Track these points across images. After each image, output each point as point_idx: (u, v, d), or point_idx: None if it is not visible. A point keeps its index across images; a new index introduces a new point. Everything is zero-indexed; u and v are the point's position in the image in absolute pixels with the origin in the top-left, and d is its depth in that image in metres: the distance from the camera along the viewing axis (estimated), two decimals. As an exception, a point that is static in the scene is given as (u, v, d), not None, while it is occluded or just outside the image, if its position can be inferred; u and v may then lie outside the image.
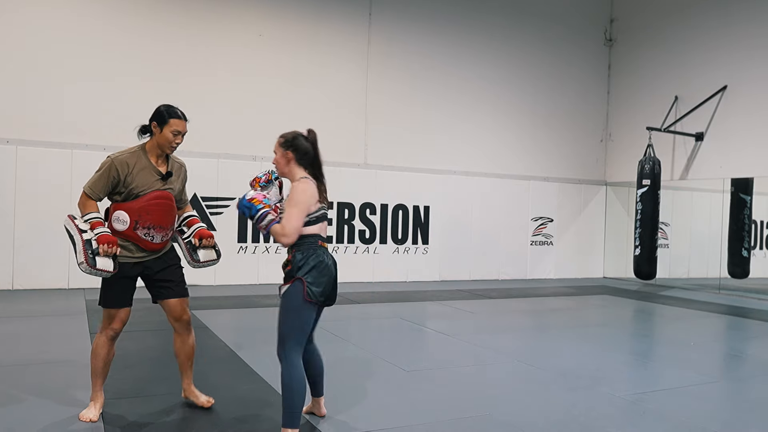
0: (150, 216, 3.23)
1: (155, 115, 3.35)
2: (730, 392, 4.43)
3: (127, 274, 3.25)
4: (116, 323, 3.31)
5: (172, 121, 3.29)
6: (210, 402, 3.53)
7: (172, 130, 3.29)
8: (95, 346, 3.33)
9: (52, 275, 7.94)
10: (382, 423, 3.40)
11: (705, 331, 6.95)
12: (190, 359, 3.52)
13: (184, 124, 3.35)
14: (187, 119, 3.39)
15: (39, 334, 5.39)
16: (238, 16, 9.25)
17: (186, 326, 3.45)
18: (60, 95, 8.12)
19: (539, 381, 4.40)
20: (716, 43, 10.43)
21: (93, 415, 3.26)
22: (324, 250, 3.06)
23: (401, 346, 5.61)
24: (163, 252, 3.39)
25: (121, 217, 3.21)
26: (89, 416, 3.25)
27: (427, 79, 10.62)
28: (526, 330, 6.69)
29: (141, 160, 3.29)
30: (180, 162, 3.53)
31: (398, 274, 10.26)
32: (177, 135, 3.31)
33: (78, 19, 8.28)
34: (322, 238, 3.07)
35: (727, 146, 10.19)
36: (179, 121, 3.32)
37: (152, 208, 3.24)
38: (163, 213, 3.28)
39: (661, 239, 10.92)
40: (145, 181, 3.25)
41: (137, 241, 3.23)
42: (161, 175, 3.31)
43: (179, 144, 3.35)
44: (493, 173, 11.20)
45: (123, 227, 3.20)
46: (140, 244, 3.24)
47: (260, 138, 9.24)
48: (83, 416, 3.25)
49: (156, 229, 3.26)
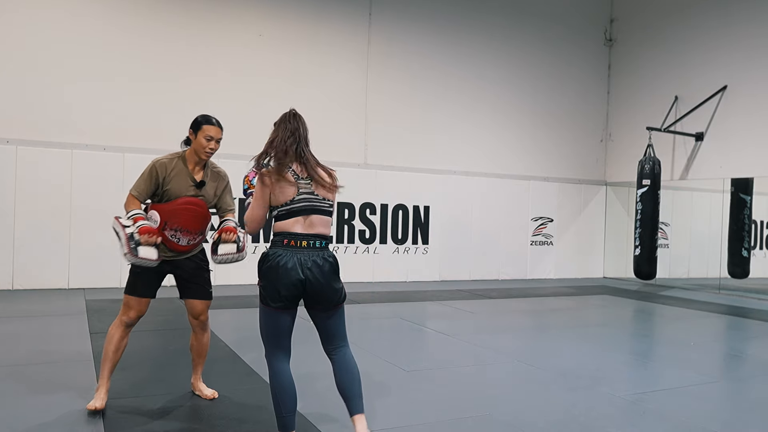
0: (178, 219, 3.42)
1: (192, 123, 3.55)
2: (730, 392, 4.43)
3: (155, 268, 3.44)
4: (132, 312, 3.49)
5: (206, 127, 3.49)
6: (214, 395, 3.71)
7: (205, 136, 3.47)
8: (109, 332, 3.52)
9: (52, 275, 7.94)
10: (382, 423, 3.40)
11: (705, 331, 6.95)
12: (201, 356, 3.75)
13: (218, 130, 3.54)
14: (221, 127, 3.57)
15: (39, 334, 5.39)
16: (238, 16, 9.25)
17: (202, 325, 3.67)
18: (60, 95, 8.12)
19: (539, 381, 4.40)
20: (716, 43, 10.43)
21: (98, 403, 3.37)
22: (291, 250, 2.74)
23: (401, 346, 5.61)
24: (192, 254, 3.58)
25: (153, 216, 3.43)
26: (94, 405, 3.37)
27: (427, 79, 10.62)
28: (526, 330, 6.69)
29: (179, 166, 3.49)
30: (219, 171, 3.69)
31: (398, 274, 10.26)
32: (210, 140, 3.49)
33: (78, 19, 8.28)
34: (293, 236, 2.76)
35: (727, 146, 10.19)
36: (212, 127, 3.51)
37: (181, 212, 3.43)
38: (191, 218, 3.46)
39: (661, 239, 10.92)
40: (180, 186, 3.45)
41: (164, 241, 3.42)
42: (195, 183, 3.50)
43: (214, 150, 3.52)
44: (493, 173, 11.20)
45: (153, 226, 3.41)
46: (167, 244, 3.43)
47: (260, 138, 9.22)
48: (89, 405, 3.38)
49: (182, 232, 3.45)
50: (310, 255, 2.76)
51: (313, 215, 2.82)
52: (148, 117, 8.48)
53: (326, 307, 2.83)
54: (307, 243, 2.78)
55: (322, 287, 2.77)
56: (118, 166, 8.24)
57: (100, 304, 6.95)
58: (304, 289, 2.75)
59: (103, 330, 5.56)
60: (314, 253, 2.78)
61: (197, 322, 3.65)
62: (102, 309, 6.62)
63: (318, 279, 2.75)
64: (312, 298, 2.79)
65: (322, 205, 2.84)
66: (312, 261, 2.76)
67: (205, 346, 3.74)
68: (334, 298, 2.83)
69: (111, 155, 8.26)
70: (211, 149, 3.50)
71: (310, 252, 2.77)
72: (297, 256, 2.74)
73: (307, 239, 2.78)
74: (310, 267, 2.74)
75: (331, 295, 2.81)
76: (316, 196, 2.83)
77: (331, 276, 2.81)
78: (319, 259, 2.78)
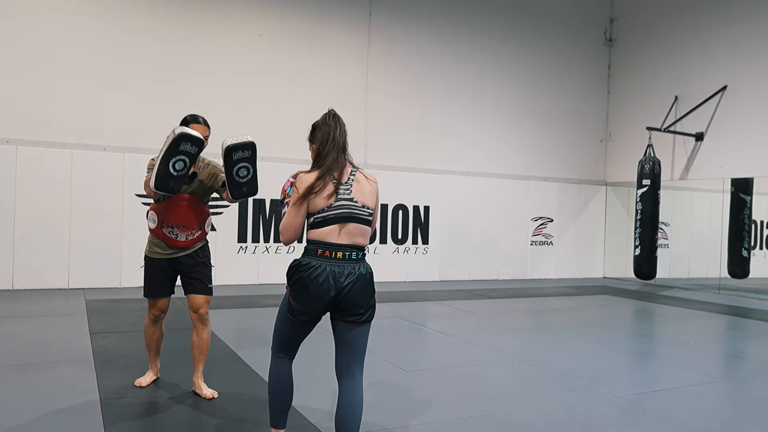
0: (172, 216, 3.62)
1: (180, 122, 3.67)
2: (730, 392, 4.43)
3: (162, 268, 3.69)
4: (155, 310, 3.82)
5: (192, 126, 3.60)
6: (214, 395, 3.74)
7: None
8: (144, 328, 3.91)
9: (52, 275, 7.94)
10: (382, 423, 3.40)
11: (705, 331, 6.95)
12: (202, 353, 3.80)
13: (204, 128, 3.67)
14: (208, 125, 3.72)
15: (39, 334, 5.39)
16: (238, 16, 9.25)
17: (202, 320, 3.75)
18: (60, 95, 8.12)
19: (539, 381, 4.40)
20: (716, 43, 10.43)
21: (144, 381, 3.90)
22: (325, 261, 2.56)
23: (401, 346, 5.61)
24: (193, 250, 3.71)
25: (151, 216, 3.66)
26: (141, 382, 3.89)
27: (426, 79, 10.62)
28: (526, 330, 6.69)
29: None
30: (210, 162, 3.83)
31: (398, 274, 10.26)
32: None
33: (78, 20, 8.28)
34: (327, 246, 2.58)
35: (727, 146, 10.19)
36: (198, 125, 3.63)
37: (173, 209, 3.62)
38: (183, 213, 3.63)
39: (661, 239, 10.92)
40: None
41: (164, 239, 3.63)
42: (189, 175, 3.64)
43: None
44: (493, 173, 11.20)
45: (153, 225, 3.64)
46: (167, 242, 3.63)
47: (260, 138, 9.17)
48: (137, 381, 3.90)
49: (179, 228, 3.62)
50: (346, 267, 2.58)
51: (351, 223, 2.61)
52: (148, 117, 8.47)
53: (354, 322, 2.63)
54: (343, 254, 2.59)
55: (355, 302, 2.59)
56: (118, 166, 8.25)
57: (100, 304, 6.95)
58: (335, 303, 2.59)
59: (103, 330, 5.57)
60: (350, 265, 2.60)
61: (196, 316, 3.73)
62: (102, 309, 6.63)
63: (352, 293, 2.58)
64: (342, 312, 2.61)
65: (362, 213, 2.64)
66: (347, 274, 2.57)
67: (206, 343, 3.79)
68: (365, 314, 2.63)
69: (111, 155, 8.26)
70: None
71: (345, 264, 2.59)
72: (331, 268, 2.56)
73: (342, 250, 2.59)
74: (344, 281, 2.56)
75: (362, 311, 2.62)
76: (356, 203, 2.63)
77: (366, 291, 2.62)
78: (354, 271, 2.59)
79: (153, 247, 3.67)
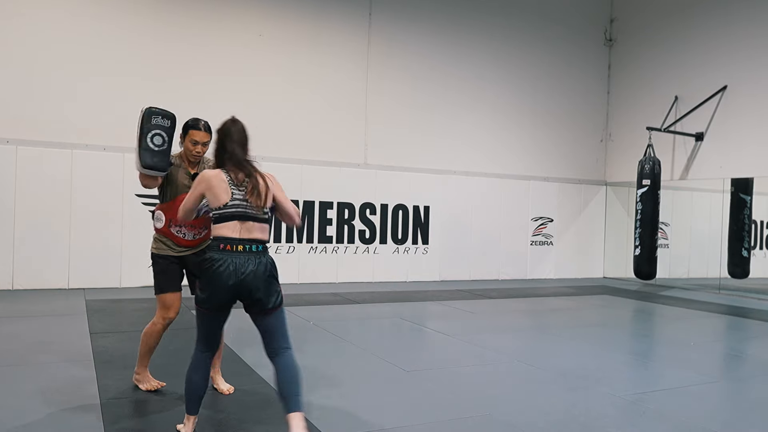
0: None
1: (182, 126, 3.70)
2: (730, 392, 4.43)
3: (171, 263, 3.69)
4: (171, 311, 3.69)
5: (192, 132, 3.63)
6: (230, 390, 3.83)
7: (191, 140, 3.63)
8: (147, 333, 3.74)
9: (52, 275, 7.94)
10: (382, 423, 3.40)
11: (705, 331, 6.95)
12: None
13: (204, 134, 3.65)
14: (209, 130, 3.65)
15: (39, 334, 5.39)
16: (238, 16, 9.25)
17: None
18: (60, 95, 8.12)
19: (539, 381, 4.40)
20: (716, 43, 10.43)
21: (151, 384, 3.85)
22: (227, 254, 2.83)
23: (401, 346, 5.61)
24: (200, 248, 3.70)
25: (158, 215, 3.69)
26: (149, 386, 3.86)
27: (426, 79, 10.62)
28: (526, 330, 6.69)
29: (178, 162, 3.72)
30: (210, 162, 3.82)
31: (398, 274, 10.26)
32: (196, 144, 3.63)
33: (78, 19, 8.28)
34: (228, 241, 2.85)
35: (727, 146, 10.19)
36: (198, 132, 3.63)
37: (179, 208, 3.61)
38: None
39: (661, 239, 10.92)
40: (179, 179, 3.66)
41: (171, 237, 3.66)
42: (190, 175, 3.67)
43: (200, 153, 3.67)
44: (493, 173, 11.20)
45: (160, 225, 3.67)
46: (174, 240, 3.66)
47: (260, 138, 9.18)
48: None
49: (187, 227, 3.64)
50: (245, 259, 2.84)
51: (248, 221, 2.90)
52: (148, 117, 8.46)
53: (262, 311, 2.90)
54: (243, 248, 2.86)
55: (256, 291, 2.85)
56: (118, 166, 8.24)
57: (100, 304, 6.95)
58: (239, 294, 2.84)
59: (103, 330, 5.57)
60: (250, 257, 2.86)
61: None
62: (102, 309, 6.63)
63: (252, 283, 2.83)
64: (246, 301, 2.88)
65: (257, 212, 2.93)
66: (247, 265, 2.83)
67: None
68: (269, 302, 2.89)
69: (111, 155, 8.26)
70: (197, 152, 3.64)
71: (245, 256, 2.85)
72: (232, 260, 2.82)
73: (243, 244, 2.86)
74: (244, 271, 2.82)
75: (266, 300, 2.88)
76: (249, 202, 2.91)
77: (265, 280, 2.88)
78: (254, 263, 2.85)
79: (161, 245, 3.69)
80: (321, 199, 9.62)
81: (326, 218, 9.69)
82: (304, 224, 9.50)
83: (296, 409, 2.88)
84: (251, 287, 2.84)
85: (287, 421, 2.87)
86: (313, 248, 9.60)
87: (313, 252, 9.60)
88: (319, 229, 9.64)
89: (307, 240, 9.56)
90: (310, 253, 9.57)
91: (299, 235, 9.49)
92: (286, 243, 9.38)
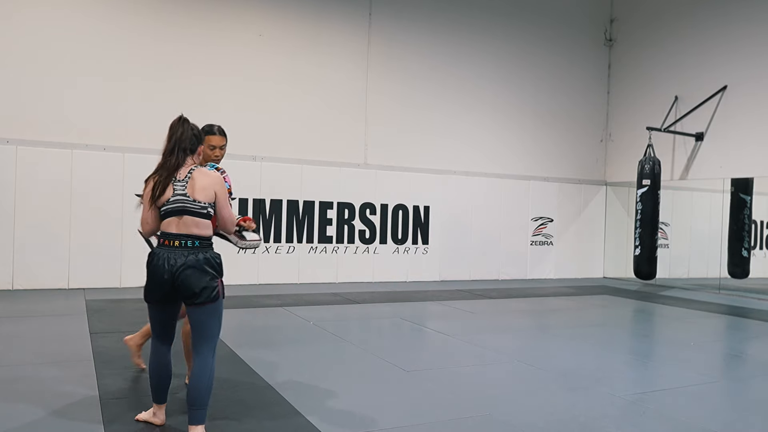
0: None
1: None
2: (730, 392, 4.43)
3: None
4: None
5: (208, 137, 3.74)
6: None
7: (209, 145, 3.74)
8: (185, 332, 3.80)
9: (52, 275, 7.93)
10: (382, 423, 3.40)
11: (705, 331, 6.95)
12: None
13: (220, 138, 3.79)
14: (224, 134, 3.83)
15: (39, 334, 5.39)
16: (238, 16, 9.25)
17: None
18: (60, 95, 8.12)
19: (539, 381, 4.40)
20: (716, 42, 10.43)
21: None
22: (164, 249, 2.95)
23: (401, 346, 5.61)
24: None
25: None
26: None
27: (426, 79, 10.61)
28: (526, 330, 6.69)
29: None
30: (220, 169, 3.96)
31: (398, 274, 10.26)
32: (214, 149, 3.77)
33: (78, 19, 8.28)
34: (167, 236, 2.96)
35: (727, 146, 10.19)
36: (214, 136, 3.77)
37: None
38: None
39: (661, 239, 10.92)
40: None
41: None
42: None
43: (219, 156, 3.80)
44: (493, 173, 11.20)
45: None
46: None
47: (260, 138, 9.24)
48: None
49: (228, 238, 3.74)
50: (180, 254, 2.93)
51: (185, 216, 2.96)
52: (148, 117, 8.47)
53: (193, 304, 2.95)
54: (179, 243, 2.95)
55: (188, 285, 2.91)
56: (118, 166, 8.25)
57: (100, 304, 6.95)
58: (173, 286, 2.93)
59: (103, 330, 5.57)
60: (185, 252, 2.94)
61: None
62: (102, 309, 6.63)
63: (184, 277, 2.91)
64: (180, 294, 2.95)
65: (194, 206, 2.97)
66: (180, 260, 2.92)
67: None
68: (200, 296, 2.93)
69: (111, 155, 8.26)
70: (216, 156, 3.77)
71: (180, 251, 2.94)
72: (168, 255, 2.93)
73: (179, 239, 2.95)
74: (177, 265, 2.91)
75: (197, 294, 2.92)
76: (188, 197, 2.97)
77: (197, 275, 2.93)
78: (187, 257, 2.93)
79: None
80: (321, 199, 9.62)
81: (326, 218, 9.69)
82: (304, 224, 9.50)
83: (194, 422, 2.97)
84: (180, 281, 2.91)
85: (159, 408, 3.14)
86: (313, 248, 9.60)
87: (313, 252, 9.60)
88: (319, 229, 9.64)
89: (307, 240, 9.55)
90: (310, 253, 9.57)
91: (299, 235, 9.49)
92: (286, 243, 9.38)
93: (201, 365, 2.98)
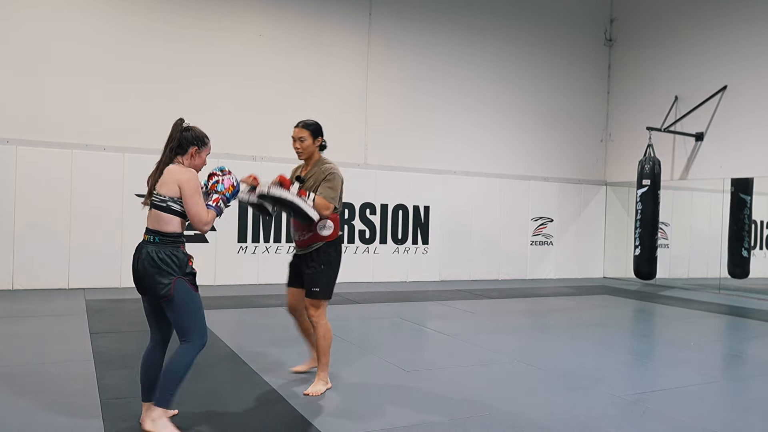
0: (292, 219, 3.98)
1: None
2: (730, 392, 4.43)
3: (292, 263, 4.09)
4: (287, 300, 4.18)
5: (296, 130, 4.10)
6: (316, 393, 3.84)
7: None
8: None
9: (52, 275, 7.94)
10: (382, 423, 3.40)
11: (705, 331, 6.95)
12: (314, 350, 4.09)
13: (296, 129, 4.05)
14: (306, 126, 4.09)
15: (39, 334, 5.39)
16: (238, 16, 9.25)
17: (311, 319, 3.94)
18: (60, 95, 8.12)
19: (539, 381, 4.40)
20: (716, 42, 10.43)
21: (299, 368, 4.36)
22: (140, 244, 3.07)
23: (401, 346, 5.61)
24: (308, 251, 3.95)
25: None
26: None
27: (427, 79, 10.61)
28: (526, 330, 6.69)
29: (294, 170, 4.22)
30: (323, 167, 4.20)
31: (398, 274, 10.26)
32: (294, 141, 4.04)
33: (78, 20, 8.28)
34: (146, 230, 3.07)
35: (727, 146, 10.19)
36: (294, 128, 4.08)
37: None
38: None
39: (661, 239, 10.92)
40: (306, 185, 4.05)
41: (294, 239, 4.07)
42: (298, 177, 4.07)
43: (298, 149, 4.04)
44: (493, 173, 11.20)
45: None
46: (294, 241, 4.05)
47: (260, 138, 9.25)
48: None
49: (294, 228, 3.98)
50: (142, 248, 3.03)
51: (152, 210, 3.07)
52: (148, 117, 8.47)
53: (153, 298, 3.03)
54: (147, 237, 3.06)
55: (145, 279, 3.00)
56: (118, 166, 8.25)
57: (100, 304, 6.95)
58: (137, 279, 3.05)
59: (103, 330, 5.57)
60: (146, 246, 3.03)
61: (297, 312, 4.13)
62: (102, 309, 6.63)
63: (139, 270, 3.01)
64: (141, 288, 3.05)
65: (155, 200, 3.05)
66: (141, 254, 3.01)
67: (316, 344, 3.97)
68: (153, 290, 2.99)
69: (111, 155, 8.26)
70: (296, 148, 4.01)
71: (144, 245, 3.04)
72: (138, 248, 3.05)
73: (147, 233, 3.07)
74: (138, 259, 3.02)
75: (150, 288, 2.99)
76: (156, 192, 3.05)
77: (149, 270, 2.97)
78: (142, 252, 3.01)
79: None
80: (321, 199, 9.61)
81: (326, 218, 9.67)
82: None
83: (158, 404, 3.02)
84: (138, 275, 3.02)
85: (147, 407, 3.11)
86: (313, 248, 9.58)
87: (313, 252, 9.58)
88: (319, 229, 9.62)
89: (307, 240, 9.53)
90: (310, 253, 9.55)
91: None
92: (286, 243, 9.38)
93: (176, 353, 3.05)
